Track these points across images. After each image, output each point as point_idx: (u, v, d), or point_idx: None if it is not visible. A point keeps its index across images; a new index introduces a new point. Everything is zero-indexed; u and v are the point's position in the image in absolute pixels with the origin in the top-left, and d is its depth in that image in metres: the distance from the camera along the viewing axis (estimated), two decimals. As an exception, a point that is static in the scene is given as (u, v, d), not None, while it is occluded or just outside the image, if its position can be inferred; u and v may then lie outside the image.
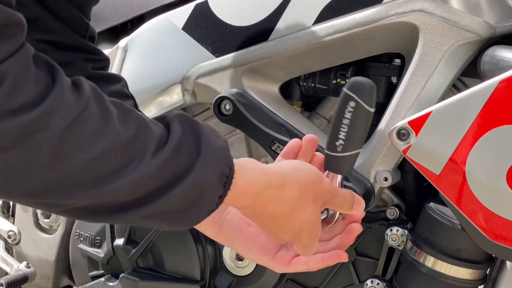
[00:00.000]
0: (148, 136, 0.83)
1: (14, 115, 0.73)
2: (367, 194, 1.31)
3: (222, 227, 1.11)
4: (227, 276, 1.48)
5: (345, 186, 1.21)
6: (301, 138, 1.07)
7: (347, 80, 1.41)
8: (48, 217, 1.67)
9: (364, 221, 1.41)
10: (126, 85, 1.26)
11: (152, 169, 0.81)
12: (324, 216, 1.03)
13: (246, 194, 0.91)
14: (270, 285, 1.48)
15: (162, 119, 0.88)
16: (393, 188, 1.42)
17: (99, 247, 1.50)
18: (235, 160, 0.90)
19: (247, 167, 0.92)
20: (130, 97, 1.25)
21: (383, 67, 1.40)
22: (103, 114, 0.79)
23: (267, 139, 1.34)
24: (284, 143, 1.29)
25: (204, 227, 1.14)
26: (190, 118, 0.89)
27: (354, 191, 1.21)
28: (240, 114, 1.35)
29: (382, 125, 1.32)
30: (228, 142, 0.90)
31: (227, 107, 1.36)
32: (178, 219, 0.87)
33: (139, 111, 1.21)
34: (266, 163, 1.27)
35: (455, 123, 1.20)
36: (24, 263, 1.67)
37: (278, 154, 1.33)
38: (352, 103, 0.95)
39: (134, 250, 1.45)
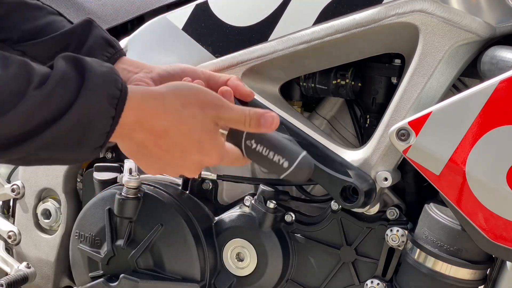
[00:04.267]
0: (30, 73, 0.86)
1: None
2: (369, 191, 1.31)
3: None
4: (227, 277, 1.48)
5: (348, 184, 1.21)
6: (302, 138, 1.07)
7: (347, 80, 1.42)
8: (48, 217, 1.67)
9: (364, 221, 1.42)
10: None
11: (37, 100, 0.85)
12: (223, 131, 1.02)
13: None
14: (270, 286, 1.47)
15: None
16: (393, 188, 1.42)
17: (99, 247, 1.50)
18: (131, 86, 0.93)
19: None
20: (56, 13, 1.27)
21: (383, 67, 1.40)
22: None
23: (267, 139, 1.33)
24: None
25: None
26: (74, 54, 0.92)
27: (356, 187, 1.21)
28: (240, 115, 1.34)
29: (382, 125, 1.32)
30: (115, 68, 0.93)
31: (227, 107, 1.36)
32: (75, 145, 0.90)
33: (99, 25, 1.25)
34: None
35: (455, 123, 1.20)
36: (24, 263, 1.67)
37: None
38: None
39: (134, 251, 1.45)
